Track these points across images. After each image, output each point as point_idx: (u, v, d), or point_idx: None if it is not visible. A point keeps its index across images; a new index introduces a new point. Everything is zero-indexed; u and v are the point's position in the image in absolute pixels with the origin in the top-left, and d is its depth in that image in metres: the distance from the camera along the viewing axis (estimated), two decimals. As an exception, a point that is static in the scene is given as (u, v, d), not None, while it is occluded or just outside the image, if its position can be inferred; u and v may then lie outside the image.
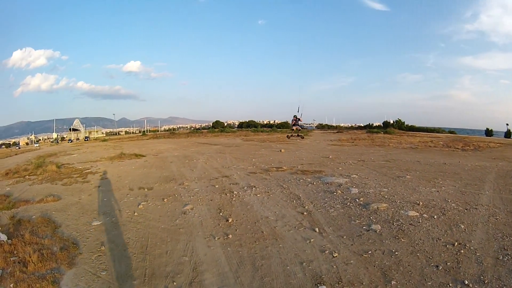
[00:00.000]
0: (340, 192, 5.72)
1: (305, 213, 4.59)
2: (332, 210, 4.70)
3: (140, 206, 5.50)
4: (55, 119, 79.98)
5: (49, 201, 6.35)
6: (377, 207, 4.63)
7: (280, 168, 8.69)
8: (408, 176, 6.71)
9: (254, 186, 6.52)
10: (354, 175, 7.13)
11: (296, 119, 17.07)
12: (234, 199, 5.66)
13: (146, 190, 6.75)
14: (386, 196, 5.23)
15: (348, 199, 5.23)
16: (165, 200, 5.80)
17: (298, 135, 18.39)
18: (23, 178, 9.19)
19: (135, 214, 5.14)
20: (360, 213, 4.46)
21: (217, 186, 6.74)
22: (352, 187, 6.04)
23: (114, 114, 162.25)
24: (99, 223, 4.82)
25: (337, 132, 39.00)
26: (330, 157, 10.89)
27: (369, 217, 4.27)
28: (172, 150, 16.14)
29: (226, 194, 5.97)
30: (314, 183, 6.70)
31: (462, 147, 14.11)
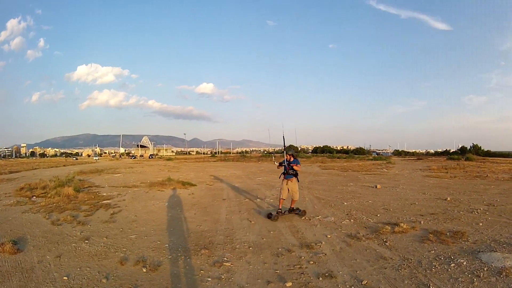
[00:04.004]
0: None
1: None
2: None
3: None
4: (122, 135, 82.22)
5: (5, 252, 3.77)
6: None
7: (395, 224, 4.75)
8: None
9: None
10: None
11: (289, 160, 5.84)
12: None
13: (143, 271, 3.35)
14: None
15: None
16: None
17: (292, 209, 5.85)
18: (28, 199, 7.17)
19: None
20: None
21: (289, 284, 2.96)
22: None
23: (185, 134, 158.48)
24: None
25: (417, 160, 37.39)
26: (448, 199, 7.52)
27: None
28: (235, 178, 13.35)
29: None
30: (485, 278, 2.80)
31: None
